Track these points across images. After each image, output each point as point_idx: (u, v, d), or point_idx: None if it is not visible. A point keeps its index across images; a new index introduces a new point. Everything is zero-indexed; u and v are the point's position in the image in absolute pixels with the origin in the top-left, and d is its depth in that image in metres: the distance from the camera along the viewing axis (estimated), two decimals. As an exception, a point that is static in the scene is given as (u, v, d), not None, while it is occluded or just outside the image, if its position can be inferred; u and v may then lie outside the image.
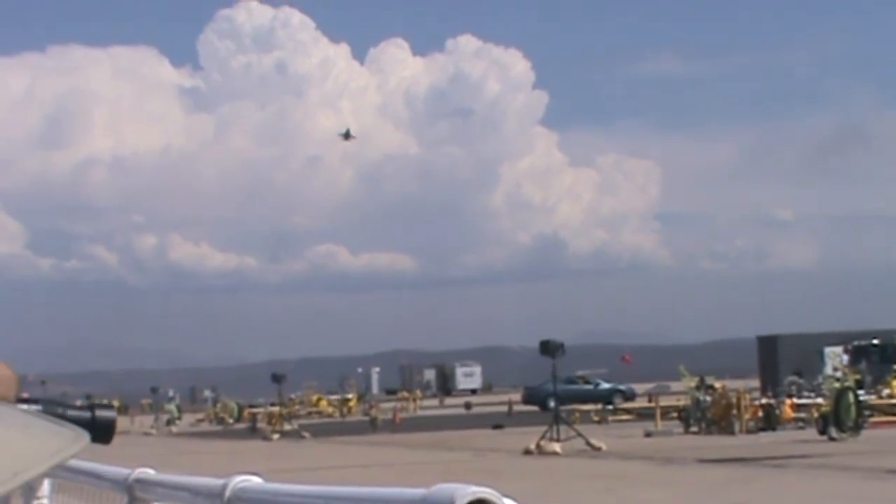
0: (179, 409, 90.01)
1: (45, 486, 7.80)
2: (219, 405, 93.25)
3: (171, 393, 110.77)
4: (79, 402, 3.87)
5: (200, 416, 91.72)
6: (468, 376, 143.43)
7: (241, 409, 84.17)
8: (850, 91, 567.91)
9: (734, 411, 44.67)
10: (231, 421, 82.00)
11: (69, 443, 2.52)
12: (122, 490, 6.45)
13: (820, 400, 44.47)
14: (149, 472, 6.31)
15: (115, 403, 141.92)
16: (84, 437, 2.54)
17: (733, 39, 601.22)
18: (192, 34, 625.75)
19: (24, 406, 3.23)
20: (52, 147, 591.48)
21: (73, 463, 6.94)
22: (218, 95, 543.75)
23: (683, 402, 50.69)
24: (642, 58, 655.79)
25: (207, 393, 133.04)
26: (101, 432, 3.55)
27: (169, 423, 79.73)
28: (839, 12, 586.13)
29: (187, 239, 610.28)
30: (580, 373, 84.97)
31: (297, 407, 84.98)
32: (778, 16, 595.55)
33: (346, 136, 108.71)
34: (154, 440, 65.56)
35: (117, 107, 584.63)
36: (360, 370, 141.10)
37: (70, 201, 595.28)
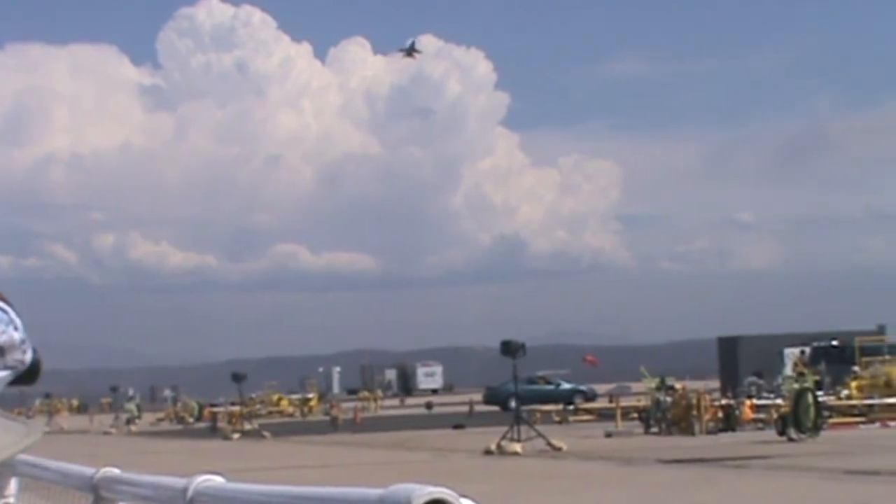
0: (139, 409, 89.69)
1: (12, 485, 7.83)
2: (179, 404, 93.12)
3: (130, 392, 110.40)
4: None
5: (160, 415, 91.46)
6: (429, 376, 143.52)
7: (201, 408, 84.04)
8: (812, 94, 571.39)
9: (694, 412, 44.86)
10: (191, 420, 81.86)
11: (19, 438, 2.53)
12: (87, 489, 6.50)
13: (779, 401, 44.74)
14: (114, 472, 6.35)
15: (75, 402, 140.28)
16: (37, 432, 2.55)
17: (698, 42, 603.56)
18: (153, 32, 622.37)
19: None
20: (11, 144, 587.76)
21: (40, 462, 6.99)
22: (178, 94, 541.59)
23: (644, 402, 50.91)
24: (605, 59, 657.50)
25: (168, 392, 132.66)
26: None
27: (129, 422, 79.43)
28: (804, 16, 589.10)
29: (147, 237, 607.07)
30: (541, 373, 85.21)
31: (257, 406, 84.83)
32: (743, 19, 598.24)
33: (410, 50, 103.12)
34: (113, 439, 65.29)
35: (77, 105, 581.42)
36: (321, 370, 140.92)
37: (29, 199, 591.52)
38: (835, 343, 63.07)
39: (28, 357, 3.54)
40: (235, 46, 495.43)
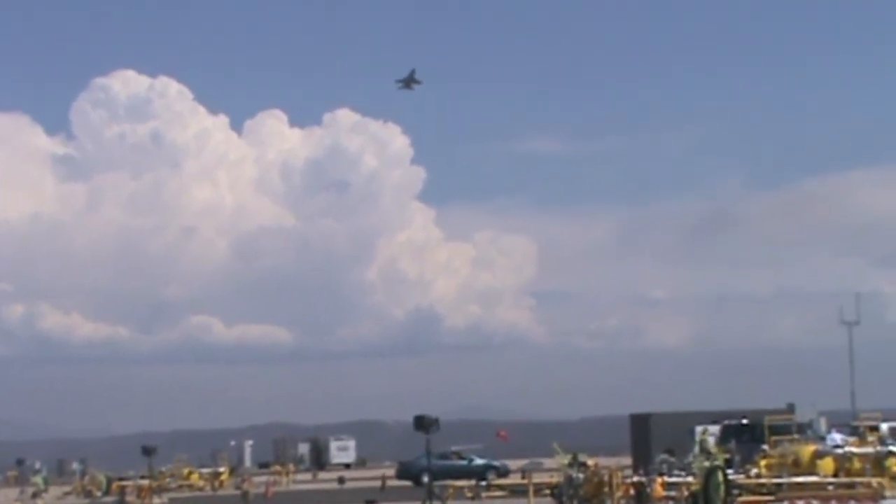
0: (46, 482, 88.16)
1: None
2: (87, 478, 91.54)
3: (37, 465, 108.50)
4: None
5: (68, 488, 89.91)
6: (342, 450, 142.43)
7: (109, 481, 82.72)
8: (722, 173, 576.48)
9: (606, 489, 44.98)
10: (99, 494, 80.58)
11: None
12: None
13: (690, 479, 44.97)
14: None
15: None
16: None
17: (608, 120, 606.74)
18: (67, 102, 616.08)
19: None
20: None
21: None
22: (91, 164, 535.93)
23: (556, 478, 50.95)
24: (521, 136, 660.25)
25: (76, 465, 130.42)
26: None
27: (35, 496, 78.08)
28: (712, 95, 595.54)
29: (57, 308, 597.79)
30: (455, 448, 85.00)
31: (167, 480, 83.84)
32: (653, 98, 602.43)
33: (410, 80, 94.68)
34: (19, 513, 64.15)
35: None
36: (232, 443, 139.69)
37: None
38: (745, 421, 63.51)
39: None
40: (151, 117, 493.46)
